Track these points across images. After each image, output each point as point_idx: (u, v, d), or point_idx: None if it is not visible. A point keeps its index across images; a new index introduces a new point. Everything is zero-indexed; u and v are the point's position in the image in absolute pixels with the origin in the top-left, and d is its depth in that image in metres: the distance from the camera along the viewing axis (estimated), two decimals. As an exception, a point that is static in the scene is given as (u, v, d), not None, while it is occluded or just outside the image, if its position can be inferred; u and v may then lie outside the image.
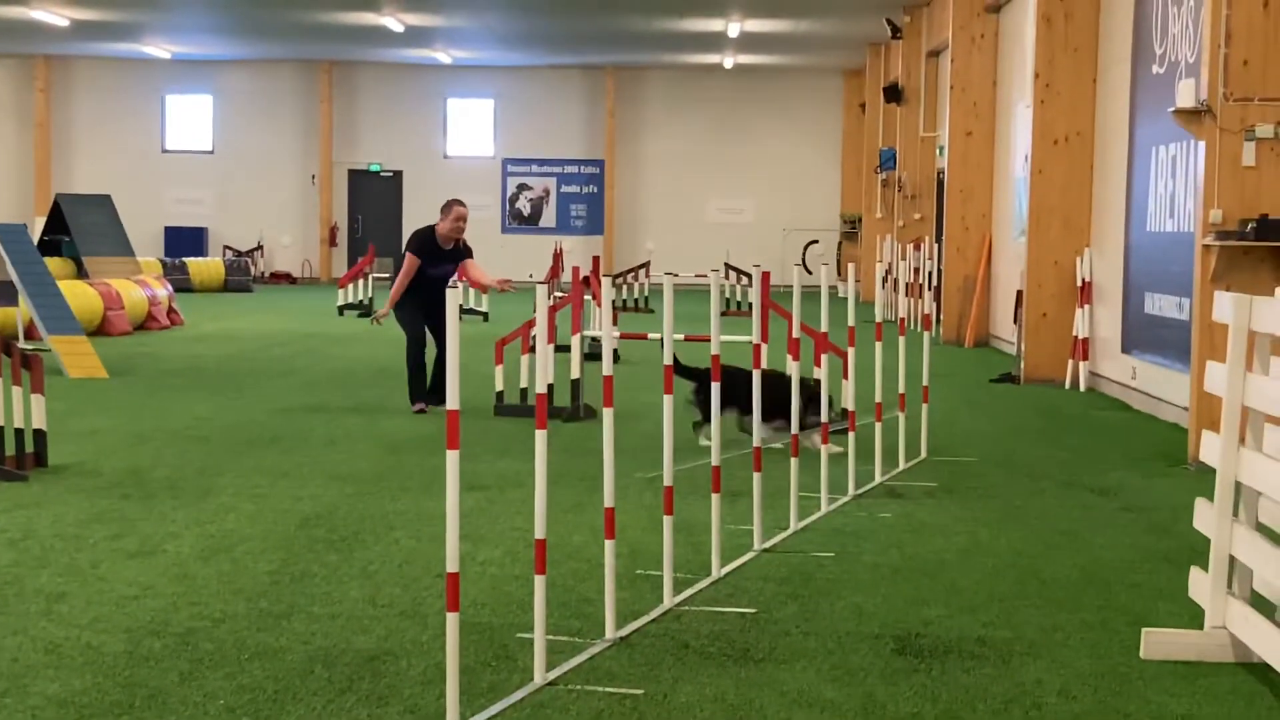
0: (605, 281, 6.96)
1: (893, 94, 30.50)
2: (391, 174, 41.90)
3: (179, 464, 10.71)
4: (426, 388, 13.81)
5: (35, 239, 22.66)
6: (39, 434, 10.41)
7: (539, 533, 5.64)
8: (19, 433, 10.27)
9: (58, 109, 41.41)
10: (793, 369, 8.57)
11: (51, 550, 7.84)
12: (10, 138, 41.57)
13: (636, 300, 30.11)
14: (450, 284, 13.46)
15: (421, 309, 13.66)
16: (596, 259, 21.86)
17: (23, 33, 35.26)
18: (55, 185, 39.21)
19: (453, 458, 5.10)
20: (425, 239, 13.77)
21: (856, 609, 6.86)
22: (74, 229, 25.21)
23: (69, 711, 5.27)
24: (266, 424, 12.91)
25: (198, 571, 7.42)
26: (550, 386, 13.38)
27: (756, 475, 8.02)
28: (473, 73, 41.20)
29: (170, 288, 25.15)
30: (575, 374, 13.49)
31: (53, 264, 21.97)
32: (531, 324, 15.00)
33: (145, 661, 5.88)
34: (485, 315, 26.39)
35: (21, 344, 16.99)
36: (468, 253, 13.99)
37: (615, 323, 18.18)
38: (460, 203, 14.05)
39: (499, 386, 13.85)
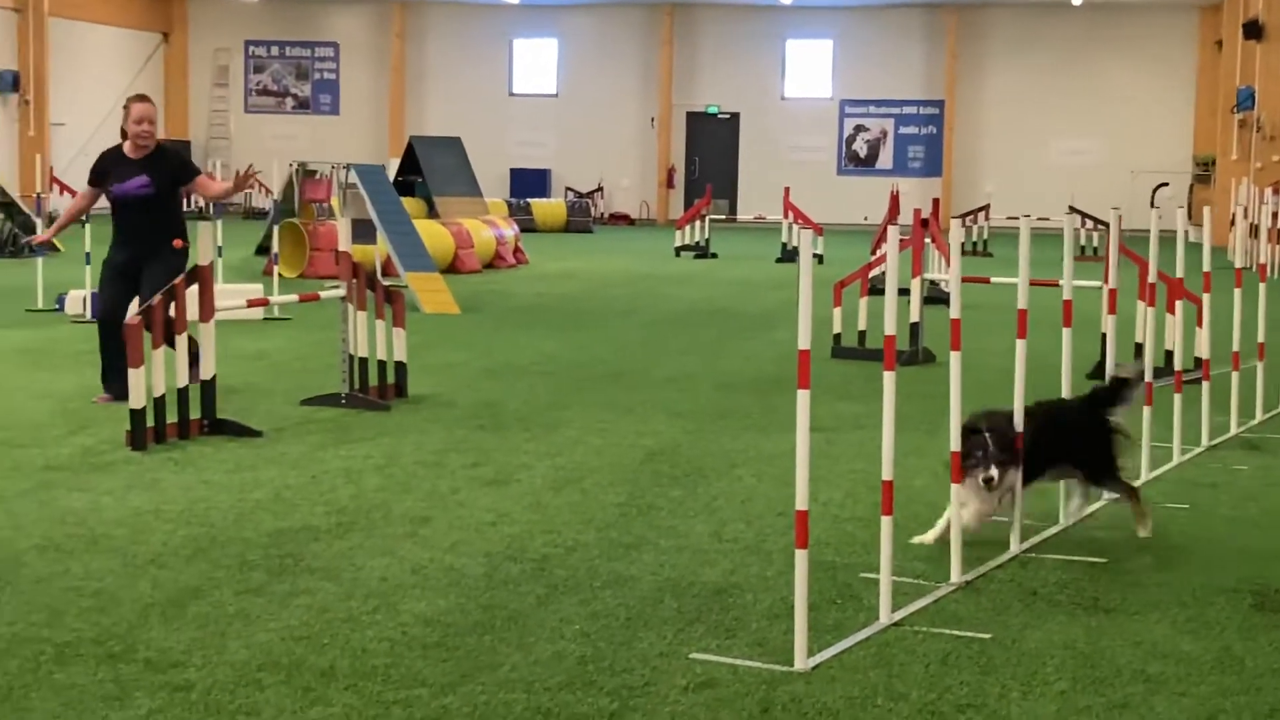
0: (954, 224, 6.89)
1: (1253, 30, 29.12)
2: (729, 116, 42.09)
3: (528, 397, 11.07)
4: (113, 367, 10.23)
5: (390, 180, 23.58)
6: (400, 366, 10.90)
7: (886, 474, 5.66)
8: (382, 364, 10.78)
9: (412, 53, 42.94)
10: (1148, 316, 8.33)
11: (414, 477, 8.23)
12: (368, 81, 43.32)
13: (975, 244, 29.60)
14: (140, 190, 10.40)
15: (117, 253, 10.52)
16: (936, 201, 21.55)
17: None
18: (409, 128, 40.72)
19: (803, 397, 5.16)
20: (107, 155, 10.71)
21: (1212, 562, 6.66)
22: (426, 170, 26.13)
23: (435, 629, 5.54)
24: (609, 361, 13.22)
25: (550, 501, 7.68)
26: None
27: (1107, 423, 7.84)
28: (812, 13, 40.99)
29: (516, 228, 25.89)
30: (915, 317, 13.39)
31: (406, 204, 22.85)
32: (870, 267, 14.95)
33: (504, 585, 6.14)
34: (820, 258, 26.32)
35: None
36: (184, 167, 10.80)
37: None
38: (141, 99, 10.71)
39: (836, 329, 13.84)
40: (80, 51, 39.20)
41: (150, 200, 10.45)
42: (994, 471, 6.56)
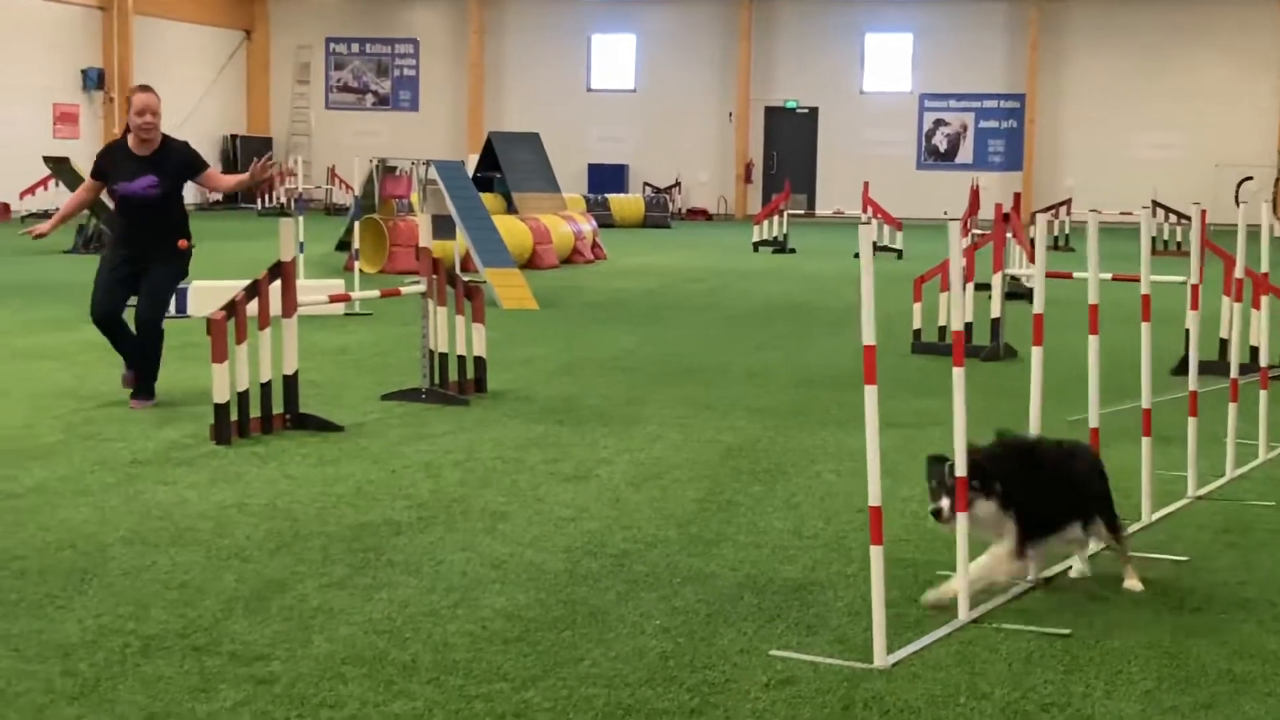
0: (1040, 220, 6.83)
1: (1341, 20, 28.63)
2: (807, 110, 41.95)
3: (607, 393, 11.09)
4: (132, 363, 10.26)
5: (469, 176, 23.66)
6: (479, 361, 10.95)
7: (960, 471, 5.62)
8: (461, 360, 10.83)
9: (490, 50, 43.12)
10: (1234, 312, 8.23)
11: (493, 472, 8.26)
12: (446, 78, 43.55)
13: (1057, 239, 29.33)
14: (147, 192, 9.97)
15: (119, 250, 10.20)
16: (1018, 195, 21.44)
17: (459, -23, 36.78)
18: (487, 124, 40.89)
19: (871, 393, 5.14)
20: (110, 149, 10.29)
21: (1300, 561, 6.57)
22: (505, 166, 26.21)
23: (515, 624, 5.56)
24: (687, 356, 13.21)
25: (629, 497, 7.69)
26: (968, 325, 13.22)
27: (1192, 420, 7.76)
28: (892, 6, 40.79)
29: (594, 223, 25.93)
30: (995, 313, 13.29)
31: (485, 200, 22.93)
32: (950, 261, 14.85)
33: (584, 580, 6.15)
34: (900, 253, 26.19)
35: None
36: (192, 163, 10.20)
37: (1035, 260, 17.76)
38: (144, 89, 10.10)
39: (916, 324, 13.76)
40: (164, 49, 39.66)
41: (156, 200, 10.02)
42: (944, 503, 5.77)
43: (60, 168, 26.83)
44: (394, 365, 12.14)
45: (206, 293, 15.39)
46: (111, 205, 10.51)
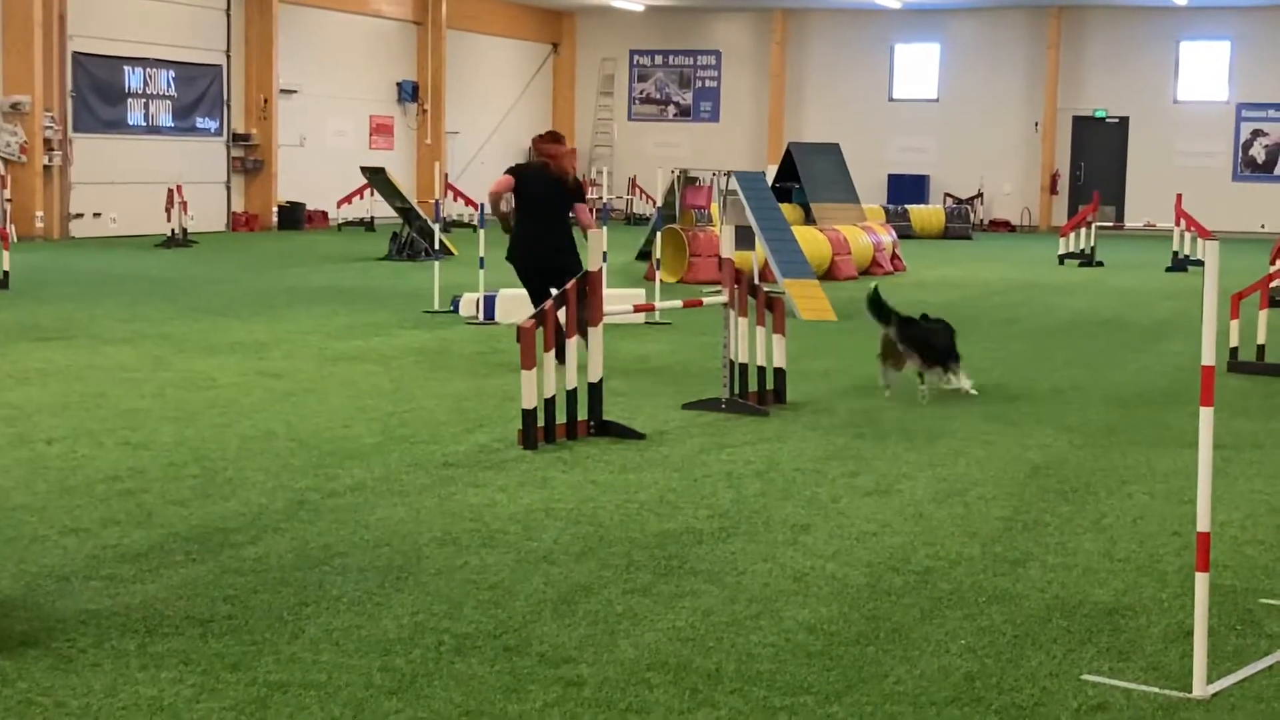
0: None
1: None
2: (1117, 120, 40.80)
3: (908, 406, 10.96)
4: None
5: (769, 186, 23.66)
6: (779, 372, 10.95)
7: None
8: (761, 370, 10.85)
9: (791, 60, 43.14)
10: None
11: (794, 483, 8.26)
12: (748, 89, 43.74)
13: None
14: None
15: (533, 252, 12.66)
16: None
17: (762, -12, 36.92)
18: (787, 134, 40.91)
19: (1206, 415, 4.98)
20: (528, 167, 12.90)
21: None
22: (804, 176, 26.17)
23: (818, 637, 5.55)
24: (990, 371, 12.95)
25: (932, 513, 7.59)
26: (1260, 347, 12.65)
27: None
28: (1208, 14, 39.34)
29: (894, 234, 25.68)
30: (1320, 331, 12.71)
31: (784, 210, 22.90)
32: (1270, 278, 14.28)
33: (886, 596, 6.10)
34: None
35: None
36: (576, 191, 12.71)
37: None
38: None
39: (1233, 342, 13.25)
40: (474, 62, 40.82)
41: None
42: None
43: (376, 178, 27.82)
44: (694, 375, 12.24)
45: (513, 300, 15.78)
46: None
